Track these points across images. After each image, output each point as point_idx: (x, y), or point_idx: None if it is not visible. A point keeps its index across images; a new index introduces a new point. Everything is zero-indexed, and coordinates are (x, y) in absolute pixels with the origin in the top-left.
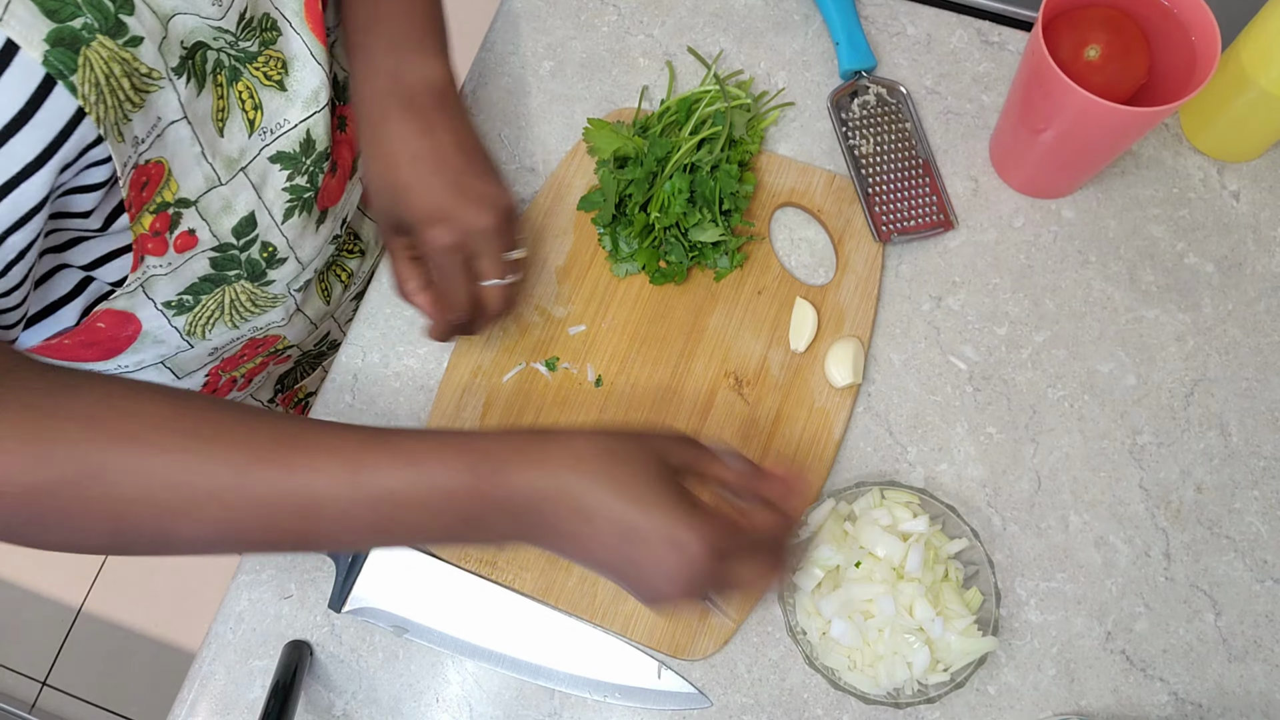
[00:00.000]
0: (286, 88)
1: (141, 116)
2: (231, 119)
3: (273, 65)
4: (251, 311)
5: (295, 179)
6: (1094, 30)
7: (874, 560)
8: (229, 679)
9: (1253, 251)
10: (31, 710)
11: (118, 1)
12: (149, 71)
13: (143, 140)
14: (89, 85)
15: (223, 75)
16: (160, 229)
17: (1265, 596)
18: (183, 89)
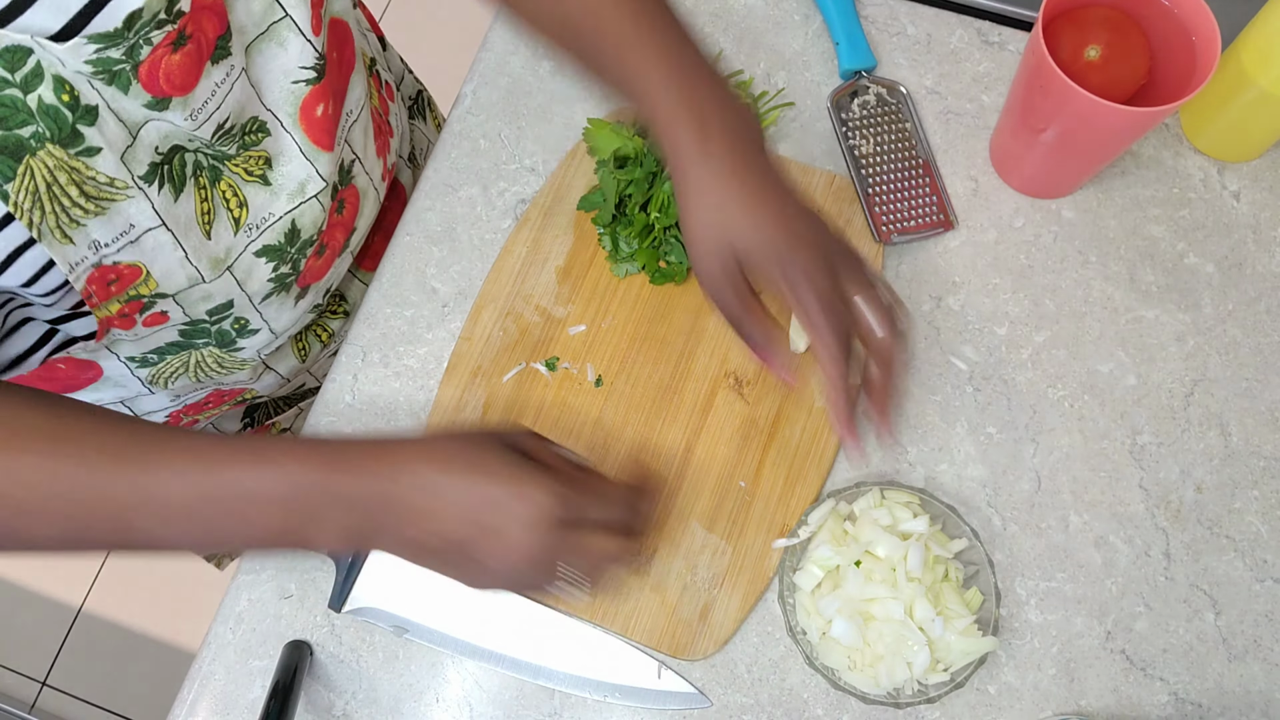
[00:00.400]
0: (270, 181)
1: (103, 222)
2: (218, 220)
3: (253, 162)
4: (217, 372)
5: (280, 268)
6: (1094, 30)
7: (874, 560)
8: (229, 679)
9: (1253, 251)
10: (31, 710)
11: (78, 112)
12: (110, 180)
13: (105, 245)
14: (25, 193)
15: (204, 177)
16: (129, 313)
17: (1265, 596)
18: (155, 196)
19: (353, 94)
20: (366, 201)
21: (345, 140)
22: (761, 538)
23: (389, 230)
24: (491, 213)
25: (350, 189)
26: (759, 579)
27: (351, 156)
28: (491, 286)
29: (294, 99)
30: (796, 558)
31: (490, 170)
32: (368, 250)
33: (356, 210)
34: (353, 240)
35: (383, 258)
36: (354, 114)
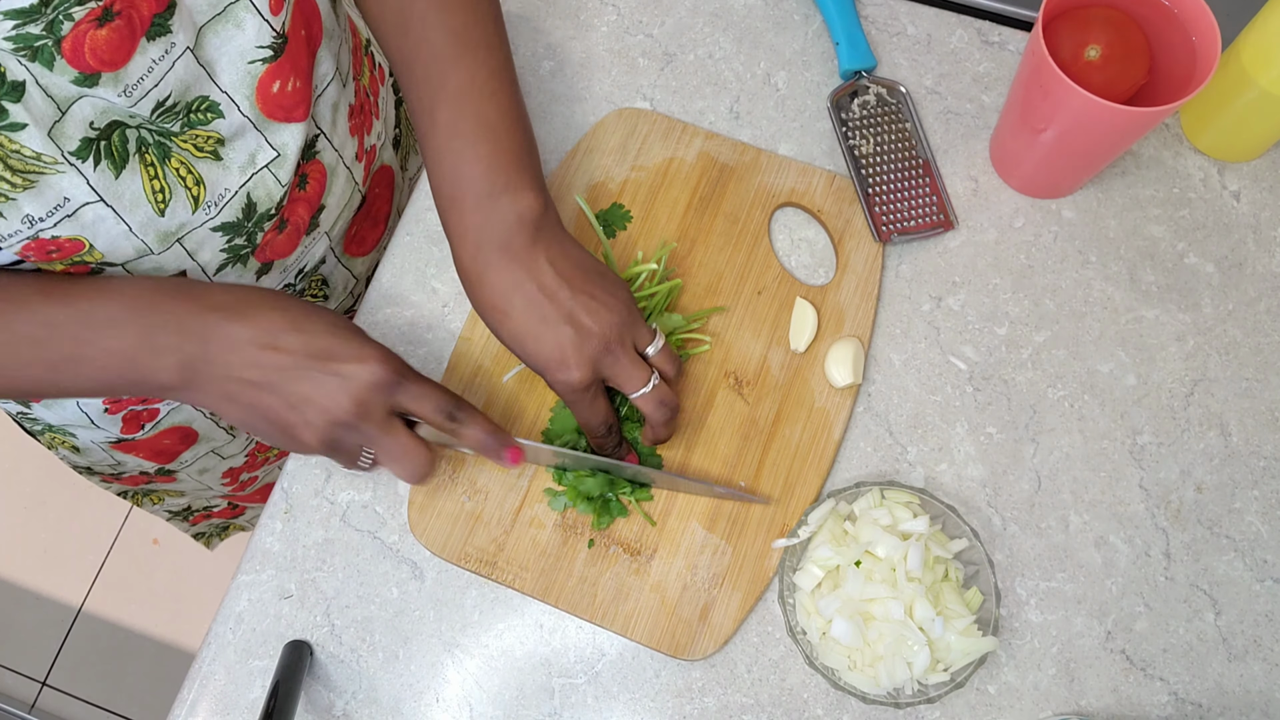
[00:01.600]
0: (222, 156)
1: (33, 196)
2: (175, 198)
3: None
4: None
5: (234, 241)
6: (1094, 30)
7: (874, 560)
8: (229, 679)
9: (1253, 251)
10: (31, 710)
11: (3, 87)
12: (37, 155)
13: (40, 219)
14: None
15: (151, 154)
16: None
17: (1265, 596)
18: (91, 172)
19: (319, 69)
20: (335, 179)
21: (310, 116)
22: (761, 538)
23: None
24: None
25: (314, 164)
26: (759, 579)
27: (315, 131)
28: None
29: (250, 79)
30: (796, 558)
31: None
32: (354, 237)
33: (323, 187)
34: (323, 219)
35: (383, 258)
36: (318, 89)
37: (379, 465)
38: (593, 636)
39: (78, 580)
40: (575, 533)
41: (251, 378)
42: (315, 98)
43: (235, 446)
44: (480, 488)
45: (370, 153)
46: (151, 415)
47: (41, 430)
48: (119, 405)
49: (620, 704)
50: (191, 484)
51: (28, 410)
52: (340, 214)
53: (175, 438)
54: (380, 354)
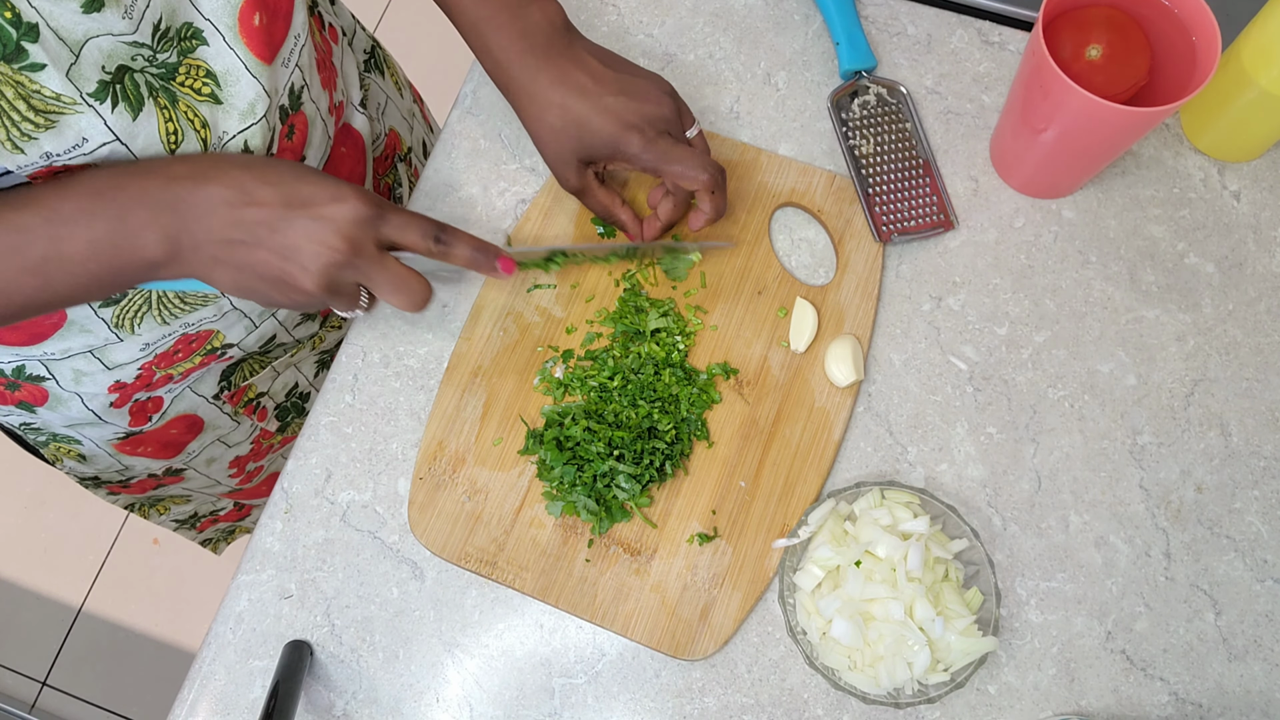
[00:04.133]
0: (221, 100)
1: (53, 135)
2: (185, 140)
3: (197, 76)
4: (181, 309)
5: None
6: (1095, 30)
7: (874, 560)
8: (229, 679)
9: (1253, 251)
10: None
11: (21, 29)
12: (56, 95)
13: (57, 155)
14: None
15: (162, 97)
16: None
17: (1265, 596)
18: (109, 114)
19: (297, 16)
20: (315, 131)
21: (296, 64)
22: (761, 538)
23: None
24: (491, 213)
25: (300, 115)
26: (759, 579)
27: (301, 82)
28: (491, 287)
29: (231, 9)
30: (797, 558)
31: (490, 170)
32: None
33: (305, 138)
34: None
35: None
36: (301, 38)
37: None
38: (593, 636)
39: (78, 580)
40: (575, 533)
41: (236, 237)
42: (299, 46)
43: (240, 433)
44: (480, 488)
45: (339, 109)
46: (157, 405)
47: (45, 441)
48: (125, 396)
49: (620, 704)
50: (199, 480)
51: (32, 419)
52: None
53: (181, 427)
54: (356, 190)
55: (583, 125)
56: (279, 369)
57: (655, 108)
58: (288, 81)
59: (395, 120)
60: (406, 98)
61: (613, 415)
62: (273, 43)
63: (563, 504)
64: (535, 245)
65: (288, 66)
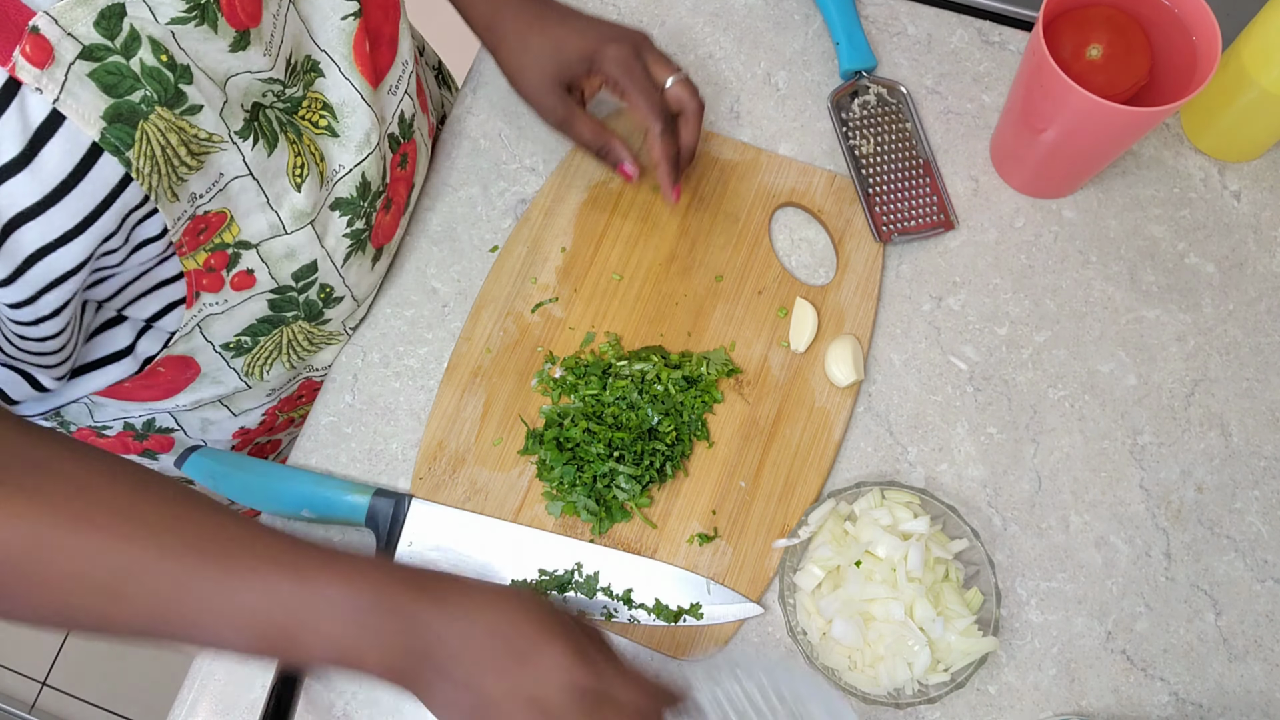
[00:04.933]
0: (338, 133)
1: (200, 176)
2: (310, 175)
3: (315, 109)
4: (309, 350)
5: (354, 223)
6: (1095, 30)
7: (874, 560)
8: (229, 679)
9: (1253, 251)
10: (31, 710)
11: (177, 71)
12: (209, 136)
13: (201, 196)
14: (144, 158)
15: (290, 133)
16: (216, 266)
17: (1266, 596)
18: (248, 150)
19: (403, 44)
20: (421, 158)
21: (405, 92)
22: (761, 538)
23: None
24: (491, 213)
25: (411, 143)
26: (759, 579)
27: (412, 109)
28: (491, 286)
29: (345, 37)
30: (797, 558)
31: (490, 170)
32: None
33: (415, 166)
34: (412, 197)
35: None
36: (409, 65)
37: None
38: None
39: None
40: (575, 533)
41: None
42: (407, 73)
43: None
44: (480, 488)
45: (433, 130)
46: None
47: None
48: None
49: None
50: None
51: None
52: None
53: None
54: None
55: (560, 43)
56: None
57: (631, 32)
58: (397, 109)
59: None
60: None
61: (612, 417)
62: (378, 69)
63: (563, 504)
64: None
65: (395, 94)
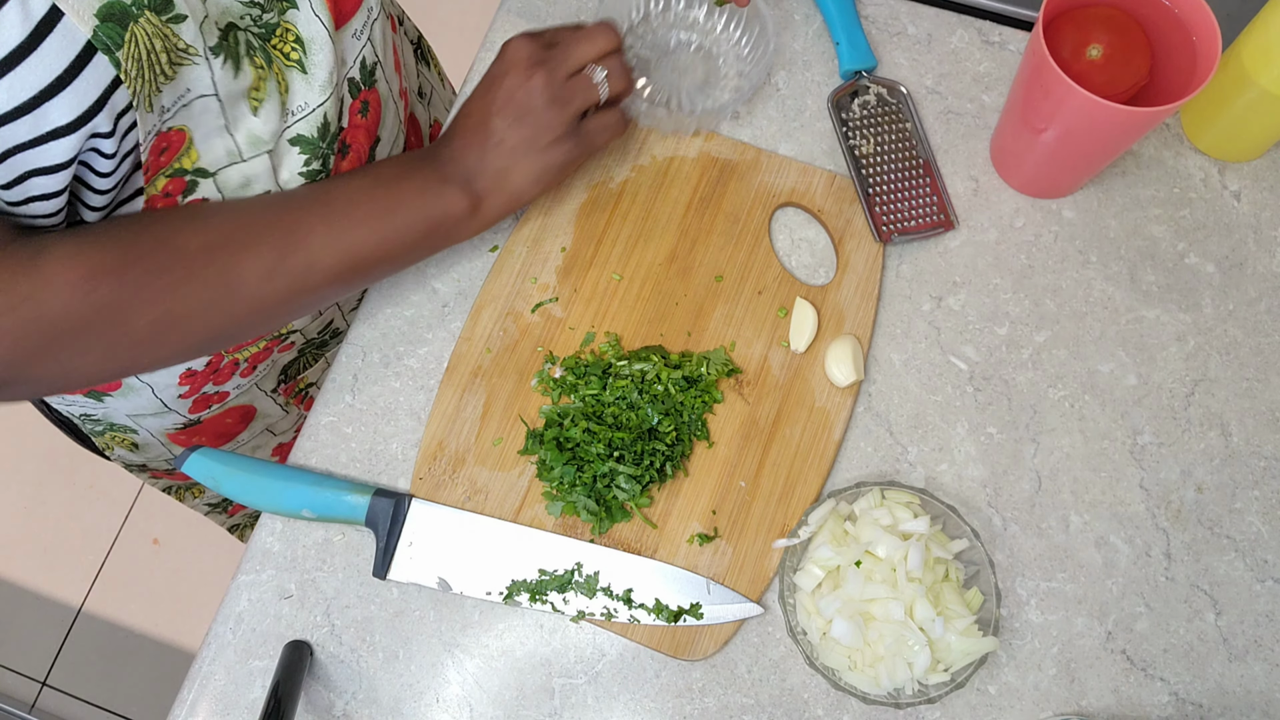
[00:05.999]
0: (306, 69)
1: (171, 88)
2: (270, 100)
3: (287, 41)
4: None
5: (311, 163)
6: (1095, 30)
7: (874, 560)
8: (229, 679)
9: (1254, 251)
10: (31, 710)
11: None
12: (186, 47)
13: (168, 109)
14: (131, 60)
15: (259, 58)
16: (173, 192)
17: (1266, 596)
18: (218, 67)
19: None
20: (387, 112)
21: (369, 39)
22: (761, 538)
23: None
24: None
25: (373, 92)
26: (759, 579)
27: (374, 58)
28: (491, 286)
29: None
30: (797, 558)
31: None
32: None
33: (379, 117)
34: (378, 152)
35: None
36: (374, 11)
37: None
38: (593, 637)
39: (78, 580)
40: (575, 533)
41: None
42: (372, 20)
43: (287, 422)
44: (480, 488)
45: (405, 94)
46: (221, 398)
47: (102, 431)
48: (195, 387)
49: (620, 704)
50: None
51: (96, 410)
52: (390, 151)
53: (236, 417)
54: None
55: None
56: (330, 359)
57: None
58: (359, 55)
59: (439, 111)
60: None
61: (612, 417)
62: (342, 9)
63: (563, 504)
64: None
65: (359, 39)
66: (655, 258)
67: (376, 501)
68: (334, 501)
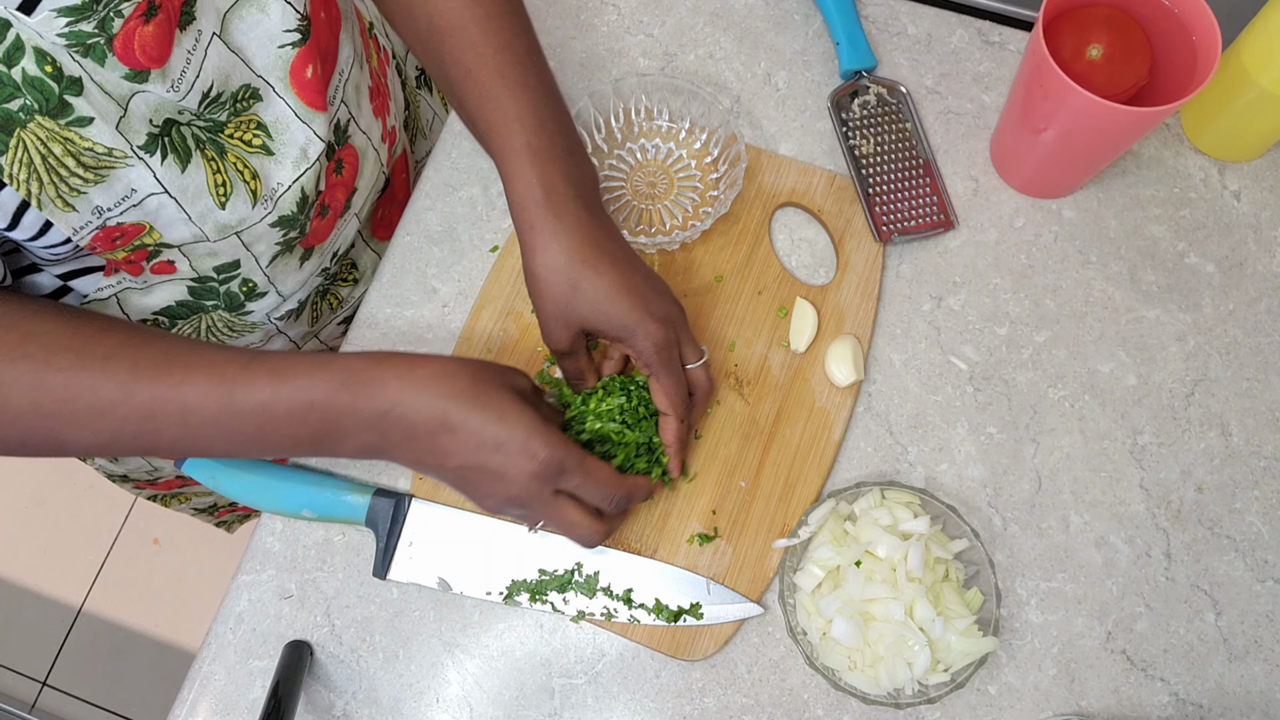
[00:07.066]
0: (273, 151)
1: (103, 189)
2: (236, 194)
3: (248, 129)
4: (229, 335)
5: (289, 234)
6: (1095, 30)
7: (874, 560)
8: (229, 679)
9: (1253, 251)
10: (31, 710)
11: (63, 83)
12: (109, 150)
13: (109, 209)
14: (19, 165)
15: (210, 150)
16: (136, 260)
17: (1266, 596)
18: (159, 166)
19: (343, 52)
20: (366, 162)
21: (341, 100)
22: (761, 538)
23: (400, 200)
24: (492, 213)
25: (348, 148)
26: (759, 579)
27: (347, 116)
28: (491, 286)
29: (283, 63)
30: (797, 558)
31: (490, 170)
32: (380, 219)
33: (356, 170)
34: (354, 201)
35: (383, 257)
36: (345, 72)
37: None
38: (593, 637)
39: (78, 580)
40: None
41: (428, 462)
42: (344, 81)
43: None
44: None
45: (392, 134)
46: None
47: None
48: None
49: (620, 704)
50: None
51: None
52: (369, 196)
53: None
54: (546, 442)
55: (603, 295)
56: None
57: (676, 309)
58: (332, 120)
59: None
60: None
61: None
62: (322, 90)
63: None
64: None
65: (333, 105)
66: (655, 258)
67: (376, 501)
68: (334, 501)
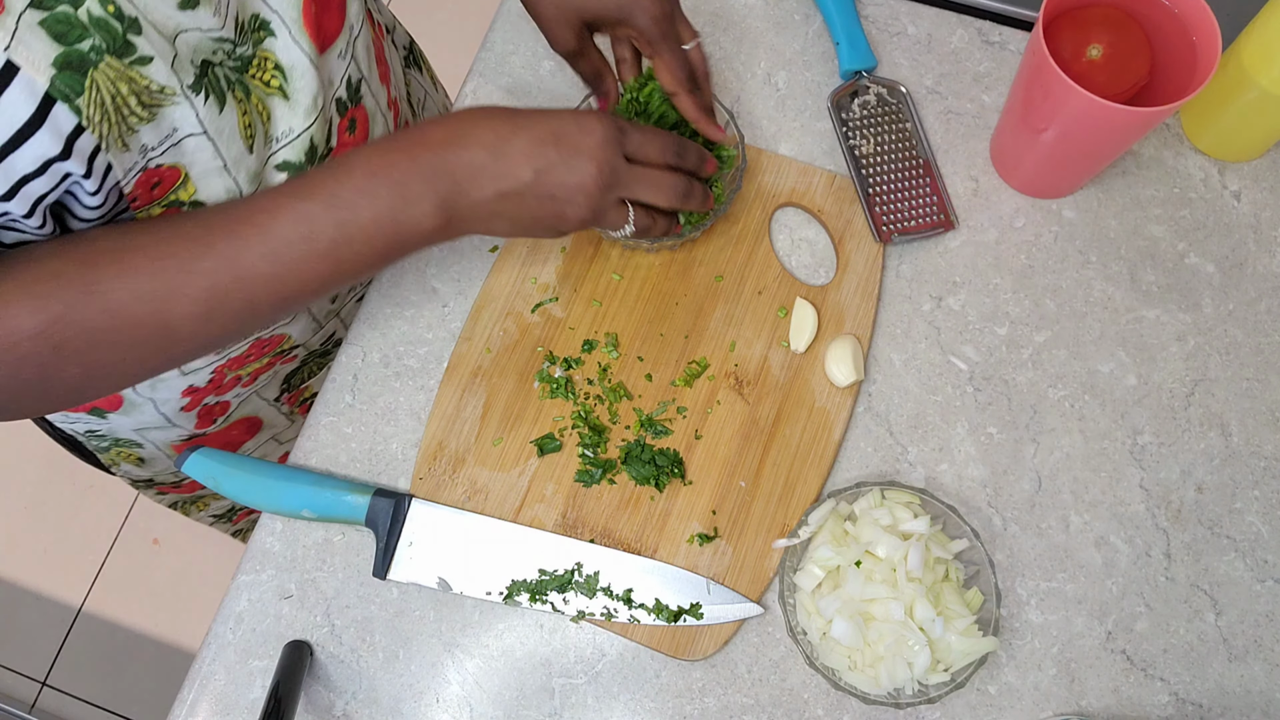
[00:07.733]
0: (289, 95)
1: (152, 128)
2: (259, 135)
3: (267, 69)
4: None
5: None
6: (1095, 30)
7: (874, 560)
8: (229, 679)
9: (1253, 251)
10: (31, 710)
11: (125, 22)
12: (161, 88)
13: (153, 148)
14: (94, 106)
15: (239, 91)
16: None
17: (1266, 596)
18: (201, 105)
19: (351, 7)
20: (375, 126)
21: (352, 56)
22: (761, 538)
23: None
24: None
25: (360, 109)
26: (759, 579)
27: (359, 75)
28: (491, 286)
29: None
30: (797, 558)
31: None
32: None
33: (367, 133)
34: None
35: None
36: (355, 28)
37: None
38: (593, 637)
39: (78, 580)
40: (575, 533)
41: (505, 188)
42: (354, 37)
43: (293, 430)
44: (480, 488)
45: (395, 104)
46: (224, 409)
47: (107, 447)
48: (196, 400)
49: (620, 704)
50: None
51: (100, 426)
52: None
53: (242, 429)
54: (598, 116)
55: None
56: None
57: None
58: (344, 74)
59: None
60: (440, 93)
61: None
62: (326, 33)
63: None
64: None
65: (344, 58)
66: (655, 258)
67: (376, 501)
68: (334, 501)
